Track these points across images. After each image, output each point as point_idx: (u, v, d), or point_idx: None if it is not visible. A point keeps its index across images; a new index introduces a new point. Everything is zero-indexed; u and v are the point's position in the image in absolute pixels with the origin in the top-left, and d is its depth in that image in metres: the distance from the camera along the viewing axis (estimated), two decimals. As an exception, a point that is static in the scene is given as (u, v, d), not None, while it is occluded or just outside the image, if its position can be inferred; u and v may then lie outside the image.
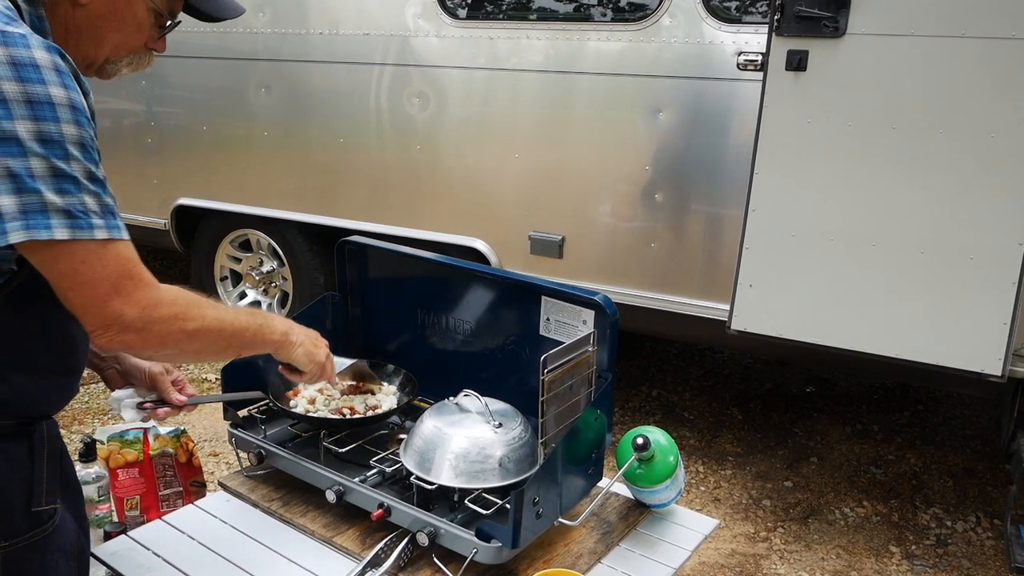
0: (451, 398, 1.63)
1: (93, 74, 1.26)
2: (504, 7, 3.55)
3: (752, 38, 2.99)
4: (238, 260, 4.50)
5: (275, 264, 4.36)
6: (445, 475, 1.51)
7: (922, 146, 2.61)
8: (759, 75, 2.85)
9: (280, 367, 1.53)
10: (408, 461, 1.56)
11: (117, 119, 4.53)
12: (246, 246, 4.47)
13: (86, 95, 1.08)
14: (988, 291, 2.59)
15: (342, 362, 1.72)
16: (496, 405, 1.60)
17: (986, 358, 2.61)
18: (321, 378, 1.55)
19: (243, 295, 4.55)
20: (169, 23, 1.29)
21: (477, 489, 1.51)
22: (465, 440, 1.52)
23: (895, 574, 2.91)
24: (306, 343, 1.47)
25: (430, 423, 1.57)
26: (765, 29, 2.81)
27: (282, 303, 4.41)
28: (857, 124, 2.68)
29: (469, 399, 1.61)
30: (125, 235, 1.09)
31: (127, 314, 1.08)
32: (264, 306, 4.48)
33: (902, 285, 2.69)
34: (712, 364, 4.71)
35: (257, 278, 4.43)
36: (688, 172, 3.21)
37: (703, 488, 3.41)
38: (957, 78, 2.54)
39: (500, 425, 1.54)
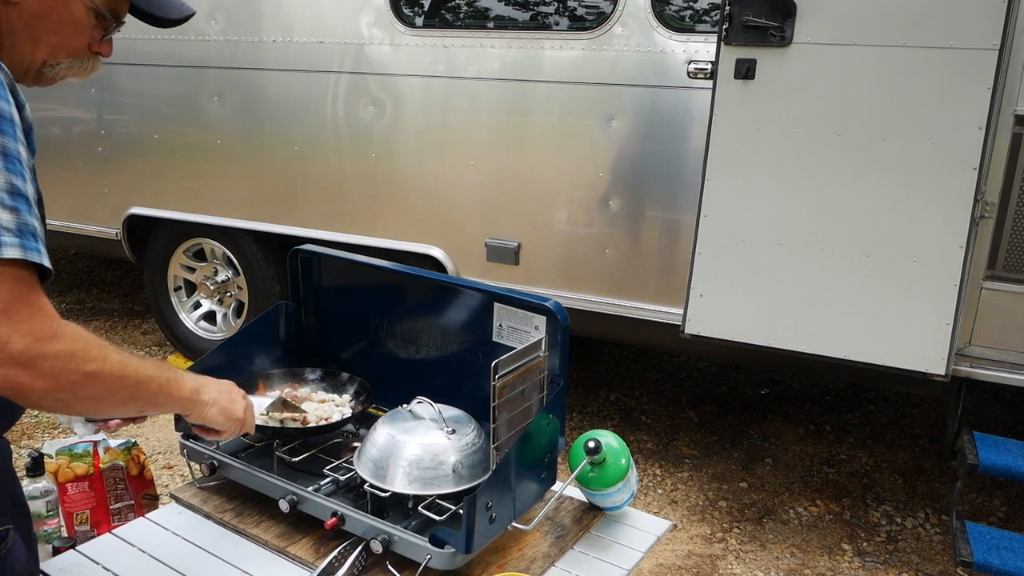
0: (404, 405, 1.64)
1: (32, 80, 1.21)
2: (458, 16, 3.57)
3: (702, 47, 3.04)
4: (192, 270, 4.44)
5: (230, 273, 4.32)
6: (399, 482, 1.51)
7: (867, 152, 2.68)
8: (709, 83, 2.90)
9: (194, 428, 1.40)
10: (362, 469, 1.57)
11: (66, 127, 4.45)
12: (200, 255, 4.42)
13: (21, 107, 1.03)
14: (931, 292, 2.66)
15: (262, 401, 1.65)
16: (449, 412, 1.61)
17: (930, 358, 2.69)
18: (242, 431, 1.44)
19: (198, 305, 4.49)
20: (113, 25, 1.24)
21: (431, 496, 1.52)
22: (419, 447, 1.53)
23: (847, 571, 2.97)
24: (220, 401, 1.35)
25: (383, 431, 1.58)
26: (714, 38, 2.87)
27: (238, 313, 4.37)
28: (804, 131, 2.74)
29: (422, 406, 1.62)
30: (44, 260, 0.99)
31: (14, 343, 0.96)
32: (219, 316, 4.43)
33: (849, 288, 2.75)
34: (669, 368, 4.77)
35: (212, 288, 4.38)
36: (642, 179, 3.25)
37: (660, 491, 3.44)
38: (898, 86, 2.62)
39: (453, 431, 1.55)
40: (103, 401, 1.12)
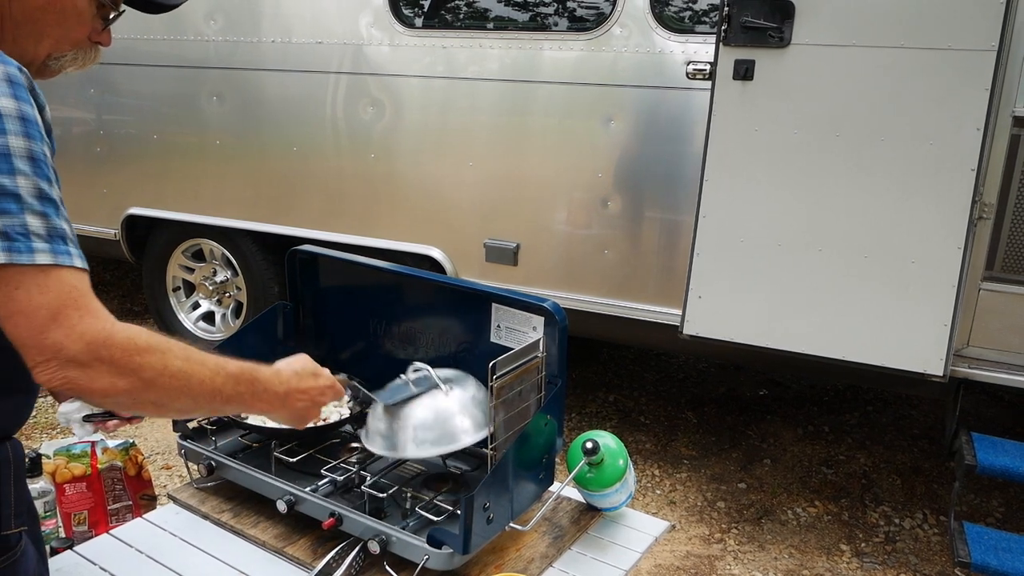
0: (401, 376, 1.63)
1: (34, 73, 1.16)
2: (458, 16, 3.57)
3: (701, 48, 3.05)
4: (191, 270, 4.44)
5: (229, 274, 4.32)
6: (410, 448, 1.53)
7: (865, 153, 2.68)
8: (708, 84, 2.91)
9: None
10: (372, 445, 1.57)
11: (65, 127, 4.45)
12: (199, 256, 4.42)
13: (41, 109, 1.01)
14: (929, 293, 2.66)
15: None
16: (446, 372, 1.62)
17: (928, 359, 2.69)
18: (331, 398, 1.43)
19: (196, 305, 4.49)
20: (113, 14, 1.22)
21: (443, 455, 1.55)
22: (422, 411, 1.54)
23: (846, 571, 2.97)
24: (307, 399, 1.34)
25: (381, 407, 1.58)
26: (713, 39, 2.87)
27: (236, 313, 4.37)
28: (802, 132, 2.74)
29: (419, 373, 1.62)
30: (77, 263, 0.98)
31: (68, 348, 0.95)
32: (218, 316, 4.43)
33: (847, 289, 2.76)
34: (667, 369, 4.77)
35: (211, 288, 4.38)
36: (641, 180, 3.25)
37: (659, 491, 3.44)
38: (897, 87, 2.62)
39: (452, 389, 1.57)
40: (166, 408, 1.10)
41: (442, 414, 1.53)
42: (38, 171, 0.96)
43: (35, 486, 1.78)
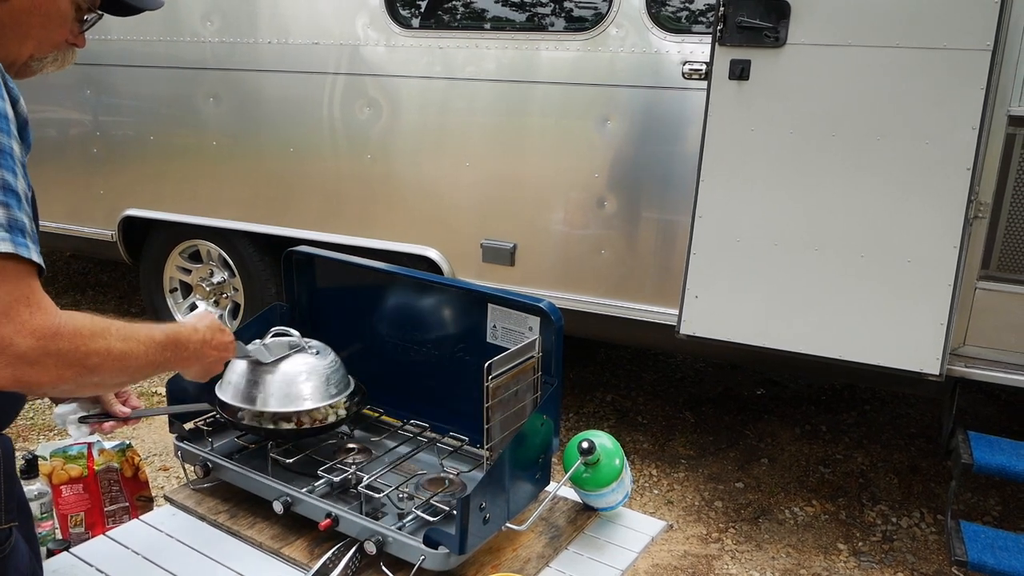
0: (258, 340, 1.68)
1: (16, 74, 1.21)
2: (454, 17, 3.57)
3: (697, 47, 3.05)
4: (188, 271, 4.44)
5: (226, 275, 4.32)
6: (273, 402, 1.60)
7: (861, 153, 2.68)
8: (704, 84, 2.91)
9: None
10: (225, 395, 1.62)
11: (62, 128, 4.45)
12: (196, 257, 4.42)
13: (15, 102, 1.02)
14: (925, 293, 2.67)
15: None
16: (312, 341, 1.71)
17: (925, 358, 2.69)
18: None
19: (194, 307, 4.49)
20: (88, 17, 1.24)
21: (296, 412, 1.61)
22: (281, 370, 1.63)
23: (843, 570, 2.97)
24: (216, 354, 1.43)
25: (243, 362, 1.64)
26: (709, 39, 2.87)
27: (233, 314, 4.36)
28: (799, 132, 2.74)
29: (280, 337, 1.69)
30: (34, 257, 0.98)
31: (19, 344, 0.95)
32: (216, 318, 4.42)
33: (844, 288, 2.76)
34: (665, 369, 4.77)
35: (208, 289, 4.38)
36: (637, 180, 3.25)
37: (656, 491, 3.45)
38: (893, 87, 2.62)
39: (318, 353, 1.66)
40: (103, 386, 1.16)
41: (313, 372, 1.62)
42: (2, 162, 0.96)
43: (31, 488, 1.78)
